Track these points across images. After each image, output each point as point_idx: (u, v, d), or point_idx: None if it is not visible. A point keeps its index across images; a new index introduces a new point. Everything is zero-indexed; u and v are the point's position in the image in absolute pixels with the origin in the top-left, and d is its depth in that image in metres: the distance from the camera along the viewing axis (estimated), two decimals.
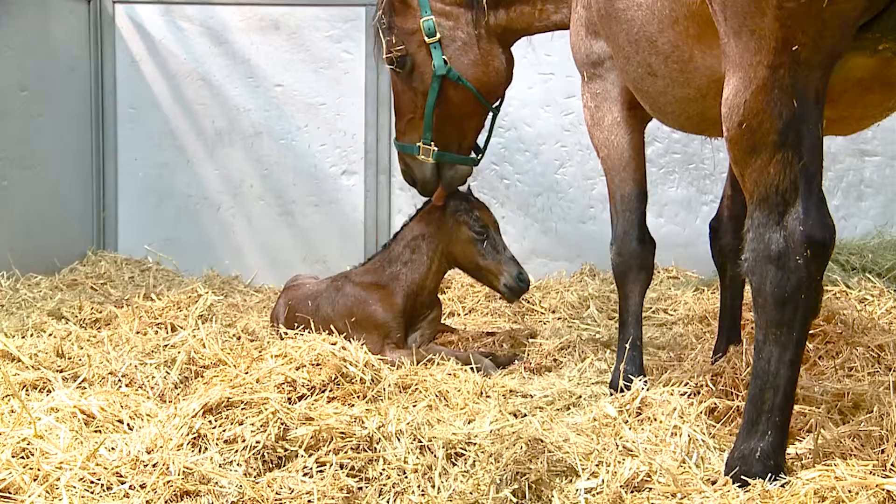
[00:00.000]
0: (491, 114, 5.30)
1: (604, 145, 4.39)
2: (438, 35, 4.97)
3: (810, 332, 4.18)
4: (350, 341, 4.39)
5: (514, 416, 4.04)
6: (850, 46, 2.89)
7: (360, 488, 3.28)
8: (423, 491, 3.26)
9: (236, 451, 3.35)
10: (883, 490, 2.79)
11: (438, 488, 3.27)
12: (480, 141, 5.40)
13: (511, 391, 4.55)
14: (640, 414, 3.74)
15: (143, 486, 3.16)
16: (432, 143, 5.15)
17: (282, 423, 3.44)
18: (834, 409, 3.80)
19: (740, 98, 2.88)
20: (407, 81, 5.16)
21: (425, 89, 5.07)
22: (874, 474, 2.88)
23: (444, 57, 4.99)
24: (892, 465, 2.98)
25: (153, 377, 4.39)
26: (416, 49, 5.06)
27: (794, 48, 2.76)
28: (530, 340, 5.50)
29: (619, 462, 3.26)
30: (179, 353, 4.50)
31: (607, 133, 4.36)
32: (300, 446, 3.39)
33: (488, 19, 4.93)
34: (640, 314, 4.35)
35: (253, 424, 3.43)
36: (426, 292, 5.38)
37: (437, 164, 5.21)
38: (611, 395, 4.18)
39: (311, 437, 3.41)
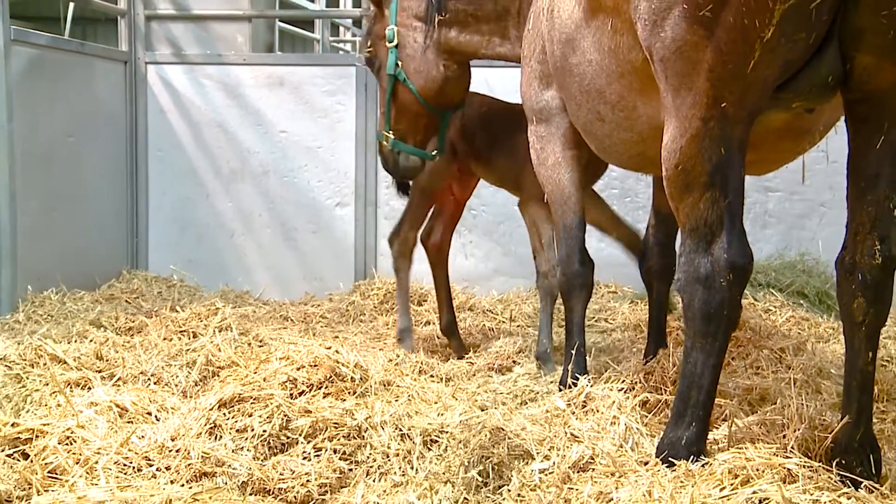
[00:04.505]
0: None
1: (548, 182, 4.34)
2: (396, 41, 4.94)
3: None
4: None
5: (481, 408, 4.03)
6: (768, 104, 2.91)
7: (351, 469, 3.27)
8: (403, 472, 3.26)
9: (246, 438, 3.34)
10: (784, 468, 2.81)
11: (416, 469, 3.27)
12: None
13: (478, 386, 4.55)
14: (585, 406, 3.74)
15: (168, 469, 3.15)
16: (390, 132, 5.08)
17: (284, 415, 3.42)
18: (744, 401, 3.81)
19: (677, 144, 2.89)
20: (379, 80, 5.17)
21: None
22: (777, 456, 2.89)
23: (397, 61, 4.96)
24: (791, 447, 2.99)
25: (177, 376, 4.35)
26: (382, 52, 5.05)
27: (722, 105, 2.78)
28: (495, 344, 5.49)
29: (567, 447, 3.26)
30: (199, 356, 4.47)
31: (551, 171, 4.31)
32: (300, 434, 3.37)
33: (439, 36, 4.86)
34: (583, 324, 4.33)
35: (260, 416, 3.41)
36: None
37: (397, 156, 5.12)
38: (560, 391, 4.17)
39: (309, 427, 3.40)
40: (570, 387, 4.05)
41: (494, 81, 6.40)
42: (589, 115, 3.81)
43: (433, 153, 5.16)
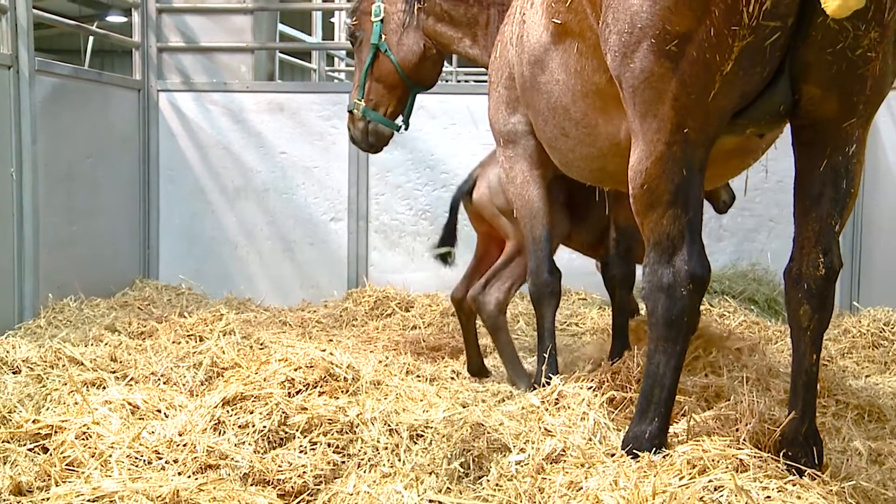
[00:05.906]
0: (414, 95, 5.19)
1: (517, 199, 4.31)
2: (381, 16, 4.95)
3: None
4: None
5: (463, 406, 4.02)
6: (726, 130, 2.93)
7: (343, 462, 3.25)
8: (391, 464, 3.24)
9: (248, 433, 3.31)
10: (737, 459, 2.81)
11: (403, 462, 3.25)
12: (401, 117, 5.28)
13: (460, 385, 4.54)
14: (558, 403, 3.73)
15: (176, 461, 3.12)
16: (362, 101, 5.07)
17: (283, 412, 3.40)
18: (701, 398, 3.81)
19: (643, 165, 2.89)
20: (359, 54, 5.13)
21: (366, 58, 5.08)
22: (731, 447, 2.90)
23: (381, 34, 4.97)
24: (744, 439, 2.99)
25: (184, 377, 4.33)
26: (368, 26, 5.03)
27: (685, 130, 2.78)
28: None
29: (541, 441, 3.25)
30: (205, 358, 4.44)
31: (520, 189, 4.29)
32: (297, 430, 3.35)
33: (420, 19, 4.88)
34: (553, 329, 4.31)
35: (261, 413, 3.39)
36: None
37: (367, 124, 5.09)
38: (535, 389, 4.17)
39: (306, 423, 3.37)
40: (543, 385, 4.04)
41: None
42: (554, 131, 3.81)
43: (399, 126, 5.16)
